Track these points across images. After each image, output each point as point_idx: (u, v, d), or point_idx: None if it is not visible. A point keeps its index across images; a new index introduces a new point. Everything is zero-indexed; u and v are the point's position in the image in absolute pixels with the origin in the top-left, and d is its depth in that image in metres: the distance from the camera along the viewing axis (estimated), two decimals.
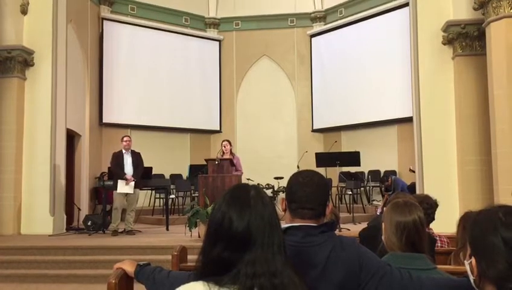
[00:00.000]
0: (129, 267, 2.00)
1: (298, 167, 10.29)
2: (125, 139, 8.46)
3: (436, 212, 3.35)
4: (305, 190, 1.71)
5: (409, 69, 9.05)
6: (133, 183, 8.16)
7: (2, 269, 6.51)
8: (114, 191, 8.23)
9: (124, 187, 8.10)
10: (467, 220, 2.66)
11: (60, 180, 8.86)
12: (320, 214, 1.72)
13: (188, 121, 12.96)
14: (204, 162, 8.81)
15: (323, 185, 1.76)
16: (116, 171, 8.22)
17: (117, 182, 8.12)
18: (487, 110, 7.14)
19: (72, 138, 10.21)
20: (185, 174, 12.31)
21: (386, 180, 10.61)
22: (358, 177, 11.15)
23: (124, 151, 8.36)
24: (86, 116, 10.87)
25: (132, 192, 8.23)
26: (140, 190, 8.59)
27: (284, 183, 10.14)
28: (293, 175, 1.80)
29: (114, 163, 8.26)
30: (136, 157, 8.42)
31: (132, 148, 8.50)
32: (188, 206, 7.80)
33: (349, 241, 1.71)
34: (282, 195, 10.22)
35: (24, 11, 8.84)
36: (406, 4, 9.72)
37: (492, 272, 1.18)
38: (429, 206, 3.22)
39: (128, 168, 8.25)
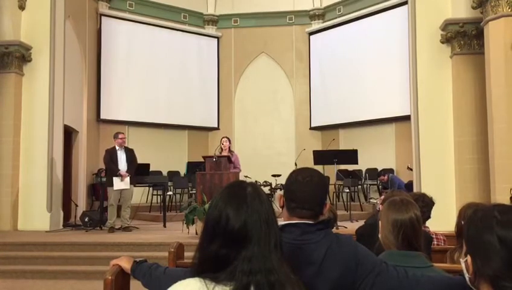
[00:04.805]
0: (126, 264, 2.00)
1: (296, 164, 10.31)
2: (120, 136, 8.46)
3: (432, 210, 3.35)
4: (305, 190, 1.71)
5: (407, 68, 9.05)
6: (128, 179, 8.19)
7: None
8: (108, 188, 8.23)
9: (119, 184, 8.12)
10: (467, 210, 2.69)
11: (57, 177, 8.84)
12: (318, 214, 1.72)
13: (185, 118, 12.93)
14: (202, 159, 8.82)
15: (322, 185, 1.76)
16: (110, 168, 8.22)
17: (111, 179, 8.13)
18: (485, 109, 7.16)
19: (69, 134, 10.19)
20: (183, 171, 12.32)
21: (383, 175, 10.67)
22: (355, 175, 11.16)
23: (117, 147, 8.37)
24: (83, 113, 10.85)
25: (128, 187, 8.24)
26: (135, 186, 8.59)
27: (281, 180, 10.14)
28: (293, 172, 1.80)
29: (108, 159, 8.26)
30: (130, 154, 8.45)
31: (129, 145, 8.50)
32: (186, 203, 7.79)
33: (345, 238, 1.72)
34: (279, 192, 10.23)
35: (22, 7, 8.81)
36: (405, 2, 9.71)
37: (487, 270, 1.19)
38: (425, 204, 3.22)
39: (123, 164, 8.27)
